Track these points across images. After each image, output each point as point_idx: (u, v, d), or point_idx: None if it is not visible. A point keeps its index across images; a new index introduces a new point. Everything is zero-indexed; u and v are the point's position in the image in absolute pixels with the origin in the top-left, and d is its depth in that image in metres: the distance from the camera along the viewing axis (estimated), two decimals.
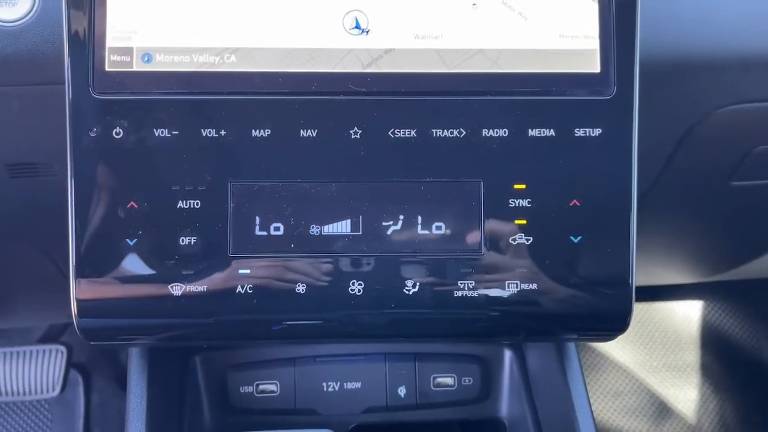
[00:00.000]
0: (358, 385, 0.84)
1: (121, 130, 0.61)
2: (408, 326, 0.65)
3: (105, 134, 0.61)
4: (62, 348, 1.47)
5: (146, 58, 0.62)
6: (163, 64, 0.62)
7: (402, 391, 0.84)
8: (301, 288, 0.62)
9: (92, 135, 0.61)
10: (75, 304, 0.62)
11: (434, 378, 0.85)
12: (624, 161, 0.64)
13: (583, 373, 0.76)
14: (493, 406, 0.85)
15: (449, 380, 0.85)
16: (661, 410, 1.57)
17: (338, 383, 0.84)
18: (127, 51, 0.62)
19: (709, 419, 1.56)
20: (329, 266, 0.62)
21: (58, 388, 1.45)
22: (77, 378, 1.46)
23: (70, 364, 1.47)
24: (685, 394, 1.58)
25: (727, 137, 0.88)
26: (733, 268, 1.34)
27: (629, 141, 0.64)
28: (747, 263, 1.29)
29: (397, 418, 0.84)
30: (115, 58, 0.61)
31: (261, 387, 0.83)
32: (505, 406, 0.85)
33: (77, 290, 0.61)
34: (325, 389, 0.83)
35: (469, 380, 0.85)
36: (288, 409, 0.83)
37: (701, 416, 1.56)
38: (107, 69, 0.61)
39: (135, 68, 0.61)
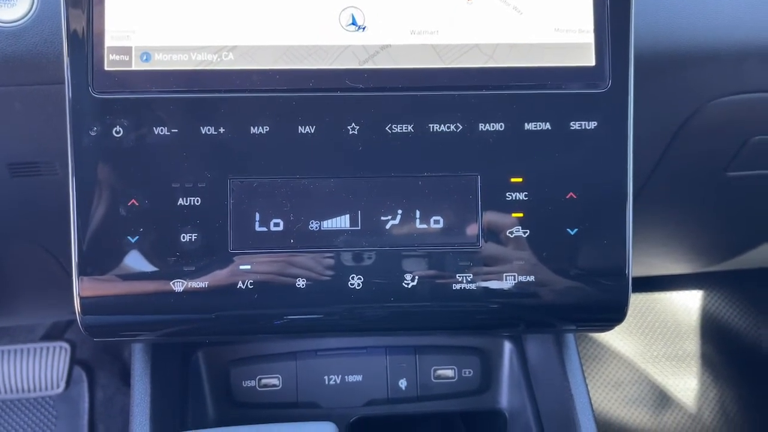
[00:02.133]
0: (360, 378, 0.84)
1: (121, 128, 0.62)
2: (407, 319, 0.66)
3: (105, 133, 0.62)
4: (66, 345, 1.48)
5: (145, 57, 0.62)
6: (161, 62, 0.62)
7: (403, 383, 0.85)
8: (301, 283, 0.63)
9: (92, 134, 0.62)
10: (78, 301, 0.62)
11: (435, 370, 0.85)
12: (619, 153, 0.64)
13: (581, 364, 0.77)
14: (493, 398, 0.86)
15: (450, 372, 0.86)
16: (662, 400, 1.57)
17: (340, 377, 0.84)
18: (126, 50, 0.62)
19: (710, 408, 1.57)
20: (329, 261, 0.63)
21: (62, 385, 1.46)
22: (81, 375, 1.47)
23: (73, 361, 1.48)
24: (686, 384, 1.59)
25: (724, 128, 0.88)
26: (732, 258, 1.34)
27: (624, 133, 0.64)
28: (745, 253, 1.29)
29: (398, 410, 0.84)
30: (114, 57, 0.62)
31: (263, 381, 0.84)
32: (505, 397, 0.85)
33: (80, 288, 0.62)
34: (326, 383, 0.84)
35: (470, 372, 0.85)
36: (290, 402, 0.83)
37: (701, 405, 1.57)
38: (106, 68, 0.62)
39: (134, 67, 0.62)
